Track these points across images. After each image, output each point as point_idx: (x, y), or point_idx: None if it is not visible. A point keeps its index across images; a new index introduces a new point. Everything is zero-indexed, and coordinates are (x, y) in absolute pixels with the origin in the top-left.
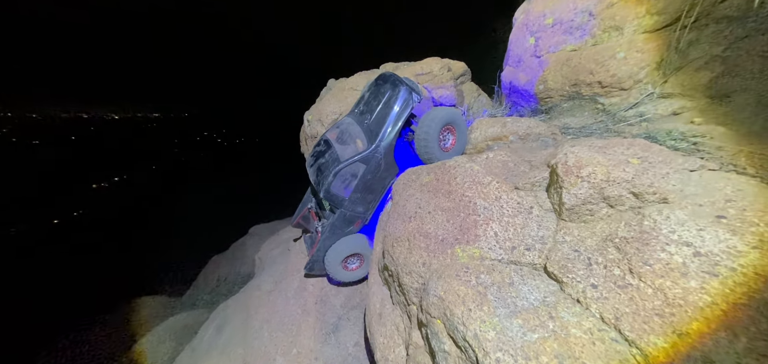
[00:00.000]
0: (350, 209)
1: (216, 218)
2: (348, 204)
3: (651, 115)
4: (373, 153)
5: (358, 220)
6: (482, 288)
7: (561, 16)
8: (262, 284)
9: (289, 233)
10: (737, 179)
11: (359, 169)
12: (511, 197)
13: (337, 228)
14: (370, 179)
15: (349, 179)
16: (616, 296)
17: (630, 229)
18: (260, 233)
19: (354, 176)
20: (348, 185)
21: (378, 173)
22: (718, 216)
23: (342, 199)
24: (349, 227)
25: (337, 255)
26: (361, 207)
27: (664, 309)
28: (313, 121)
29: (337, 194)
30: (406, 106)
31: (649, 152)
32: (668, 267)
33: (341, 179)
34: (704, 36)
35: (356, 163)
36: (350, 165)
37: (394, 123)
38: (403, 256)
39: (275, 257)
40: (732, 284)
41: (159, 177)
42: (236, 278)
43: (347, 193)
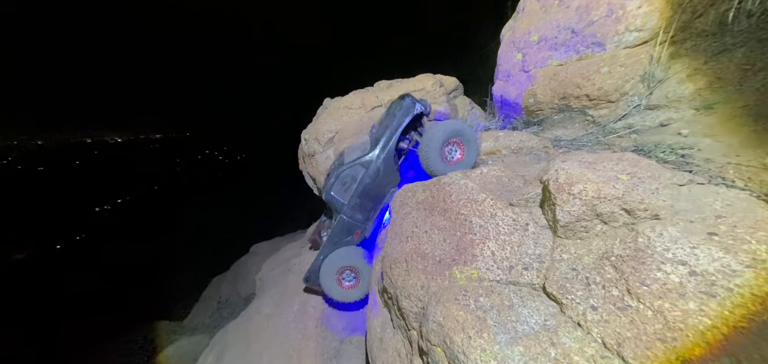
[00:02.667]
0: (349, 214)
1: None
2: (347, 209)
3: (639, 126)
4: (372, 157)
5: (358, 230)
6: (481, 313)
7: (545, 33)
8: (262, 307)
9: (290, 251)
10: (726, 193)
11: (359, 173)
12: (507, 214)
13: (336, 236)
14: (369, 185)
15: (349, 183)
16: (616, 318)
17: (625, 246)
18: (261, 251)
19: (354, 180)
20: (347, 189)
21: (377, 179)
22: (709, 233)
23: (341, 203)
24: (348, 236)
25: (331, 266)
26: (359, 214)
27: (666, 333)
28: (310, 139)
29: (337, 197)
30: (406, 113)
31: (637, 167)
32: (666, 288)
33: (341, 183)
34: (684, 50)
35: (356, 166)
36: (351, 168)
37: (394, 129)
38: (401, 278)
39: (275, 277)
40: (730, 306)
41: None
42: (238, 300)
43: (346, 198)
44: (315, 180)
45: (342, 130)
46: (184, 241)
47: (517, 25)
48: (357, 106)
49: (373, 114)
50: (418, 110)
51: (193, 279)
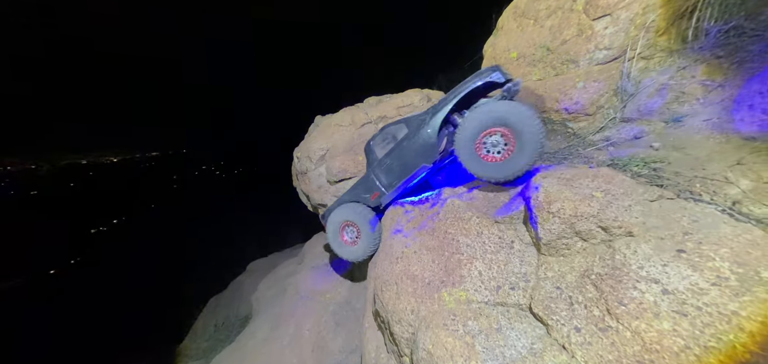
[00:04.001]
0: (376, 172)
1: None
2: (376, 166)
3: (615, 139)
4: (420, 117)
5: (377, 192)
6: (470, 338)
7: (523, 50)
8: (256, 331)
9: (286, 268)
10: (693, 209)
11: (401, 133)
12: (492, 232)
13: (358, 188)
14: (405, 148)
15: (390, 141)
16: (598, 340)
17: (604, 264)
18: (259, 268)
19: (394, 139)
20: (386, 146)
21: (413, 145)
22: (678, 250)
23: (374, 158)
24: (366, 193)
25: (339, 216)
26: (384, 178)
27: (644, 356)
28: (302, 157)
29: (374, 149)
30: (476, 78)
31: (611, 184)
32: (641, 307)
33: (383, 137)
34: (652, 65)
35: (401, 125)
36: (397, 124)
37: (453, 95)
38: (392, 302)
39: (271, 298)
40: (700, 325)
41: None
42: (235, 322)
43: (381, 154)
44: (308, 197)
45: (333, 147)
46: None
47: (497, 41)
48: (347, 124)
49: (363, 131)
50: (494, 78)
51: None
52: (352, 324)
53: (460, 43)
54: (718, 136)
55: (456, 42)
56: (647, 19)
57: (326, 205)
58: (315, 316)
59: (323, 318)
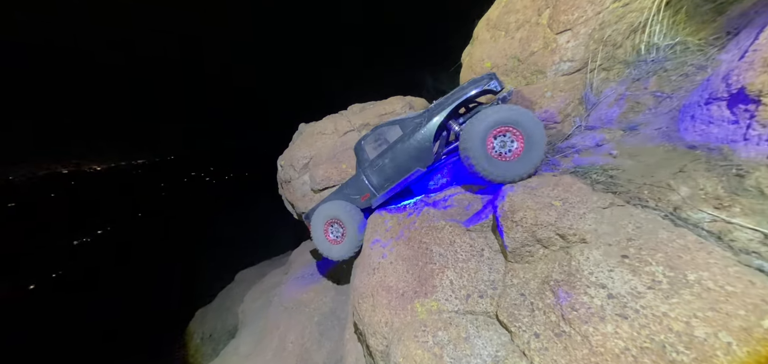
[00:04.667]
0: (367, 172)
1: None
2: (368, 166)
3: (580, 146)
4: (416, 119)
5: (367, 193)
6: (438, 349)
7: (496, 60)
8: (240, 345)
9: (273, 278)
10: (639, 215)
11: (394, 134)
12: (464, 241)
13: (347, 188)
14: (399, 150)
15: (382, 142)
16: (554, 345)
17: (561, 270)
18: (247, 278)
19: (387, 140)
20: (378, 147)
21: (408, 149)
22: (622, 255)
23: (365, 158)
24: (357, 194)
25: (324, 212)
26: (375, 179)
27: (591, 359)
28: (285, 166)
29: (365, 149)
30: (473, 85)
31: (569, 192)
32: (590, 312)
33: (375, 137)
34: (612, 76)
35: (395, 126)
36: (391, 125)
37: (454, 98)
38: (368, 314)
39: (257, 310)
40: (638, 327)
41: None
42: (222, 332)
43: (373, 155)
44: (293, 205)
45: (316, 155)
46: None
47: (473, 51)
48: (330, 132)
49: (346, 139)
50: (492, 86)
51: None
52: (336, 334)
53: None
54: (667, 144)
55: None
56: (604, 34)
57: None
58: (299, 328)
59: (307, 330)
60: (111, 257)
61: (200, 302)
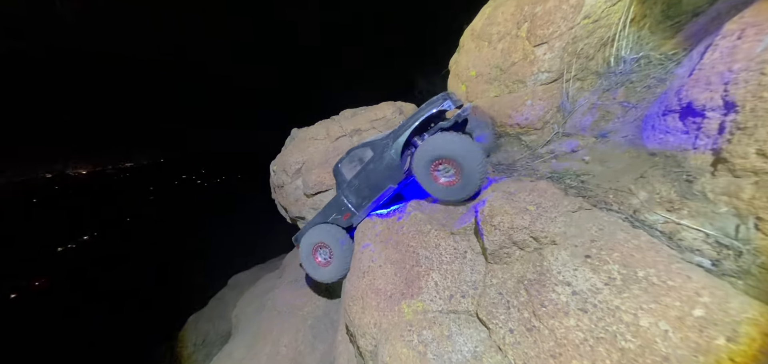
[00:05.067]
0: (346, 193)
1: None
2: (346, 187)
3: (558, 151)
4: (383, 142)
5: (348, 213)
6: (423, 347)
7: (481, 69)
8: (233, 350)
9: (267, 282)
10: (602, 218)
11: (366, 155)
12: (449, 244)
13: (328, 209)
14: (371, 170)
15: (356, 164)
16: (525, 339)
17: (534, 270)
18: (240, 282)
19: (361, 161)
20: (354, 167)
21: (379, 168)
22: (586, 255)
23: (343, 179)
24: (337, 215)
25: (310, 237)
26: (353, 198)
27: (555, 349)
28: (278, 171)
29: (342, 171)
30: (430, 106)
31: (543, 197)
32: (556, 307)
33: (351, 159)
34: (586, 86)
35: (366, 148)
36: (363, 146)
37: (412, 120)
38: (358, 316)
39: (250, 315)
40: (595, 320)
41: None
42: (215, 338)
43: (349, 176)
44: (286, 210)
45: (308, 160)
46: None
47: (459, 59)
48: (322, 137)
49: (337, 144)
50: (445, 106)
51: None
52: (330, 337)
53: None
54: (632, 151)
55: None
56: (577, 47)
57: (304, 217)
58: (293, 331)
59: (301, 333)
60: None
61: (192, 308)
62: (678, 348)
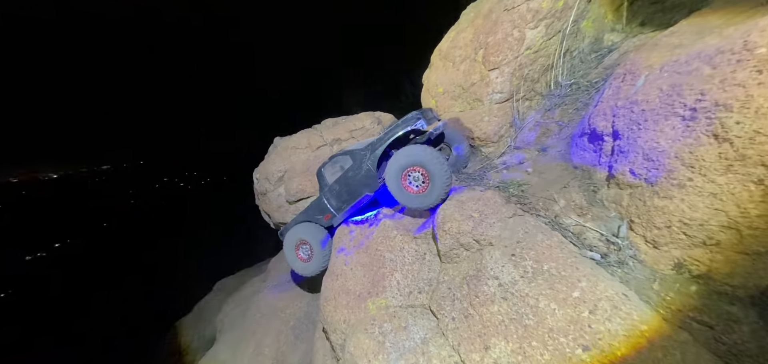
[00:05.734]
0: (327, 196)
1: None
2: (327, 190)
3: (510, 163)
4: (362, 152)
5: (329, 214)
6: (382, 337)
7: (447, 87)
8: (218, 353)
9: (252, 286)
10: (530, 222)
11: (347, 163)
12: (411, 247)
13: (311, 210)
14: (350, 178)
15: (338, 170)
16: (462, 324)
17: (475, 268)
18: (226, 287)
19: (342, 168)
20: (336, 173)
21: (357, 175)
22: (511, 254)
23: (325, 183)
24: (320, 215)
25: (294, 234)
26: (334, 201)
27: (482, 330)
28: (261, 179)
29: (325, 175)
30: (405, 124)
31: (486, 206)
32: (486, 297)
33: (333, 164)
34: (533, 105)
35: (346, 156)
36: (344, 154)
37: (388, 135)
38: (330, 314)
39: (235, 318)
40: (513, 304)
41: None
42: (200, 344)
43: (331, 180)
44: (269, 216)
45: (290, 169)
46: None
47: (430, 75)
48: (304, 146)
49: (319, 153)
50: (418, 126)
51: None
52: (311, 336)
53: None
54: (562, 164)
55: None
56: (524, 72)
57: (287, 223)
58: (275, 332)
59: (283, 334)
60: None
61: (177, 315)
62: (559, 321)
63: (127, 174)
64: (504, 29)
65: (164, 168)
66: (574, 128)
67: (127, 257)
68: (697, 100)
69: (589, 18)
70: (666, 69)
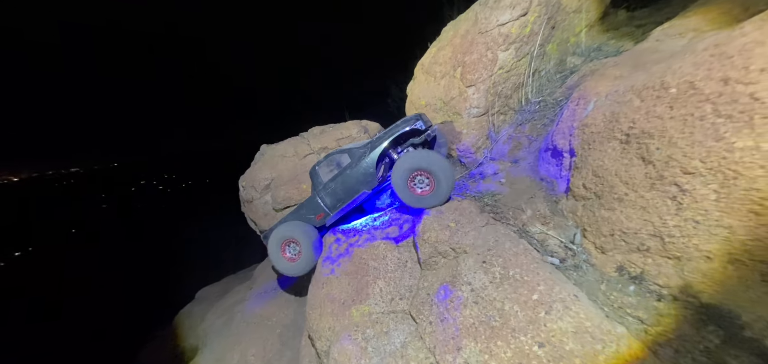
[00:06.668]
0: (322, 195)
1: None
2: (321, 190)
3: (486, 173)
4: (361, 150)
5: (322, 213)
6: (365, 342)
7: (429, 100)
8: None
9: (237, 294)
10: (500, 230)
11: (344, 161)
12: (394, 255)
13: (303, 209)
14: (347, 175)
15: (334, 168)
16: (439, 327)
17: (451, 274)
18: (209, 296)
19: (338, 166)
20: (331, 172)
21: (355, 174)
22: (483, 261)
23: (319, 181)
24: (312, 214)
25: (281, 232)
26: (328, 200)
27: (455, 333)
28: (247, 186)
29: (319, 174)
30: (404, 124)
31: (463, 215)
32: (460, 302)
33: (328, 163)
34: (507, 119)
35: (344, 154)
36: (341, 152)
37: (388, 134)
38: (316, 322)
39: (219, 328)
40: (481, 308)
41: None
42: (182, 356)
43: (326, 179)
44: (255, 223)
45: (278, 177)
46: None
47: (413, 87)
48: (291, 155)
49: (306, 161)
50: (418, 126)
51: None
52: (298, 343)
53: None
54: (531, 176)
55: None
56: (498, 89)
57: None
58: (261, 340)
59: (269, 341)
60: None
61: (155, 326)
62: (520, 322)
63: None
64: (479, 50)
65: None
66: (541, 143)
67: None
68: (629, 127)
69: (554, 42)
70: (609, 97)
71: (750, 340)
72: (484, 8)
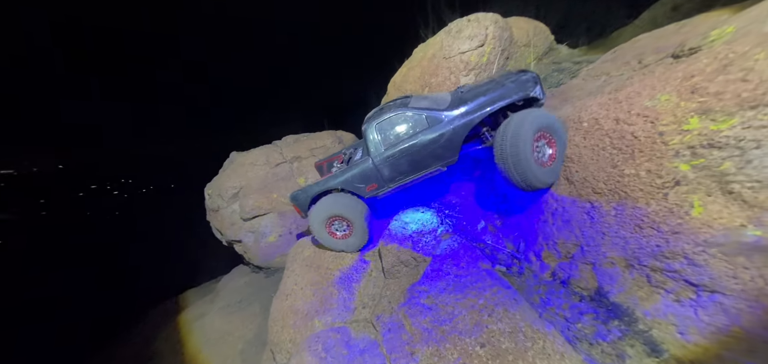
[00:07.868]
0: (379, 162)
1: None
2: (379, 157)
3: None
4: (444, 117)
5: (375, 184)
6: (324, 353)
7: None
8: None
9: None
10: (458, 240)
11: (417, 128)
12: (360, 265)
13: (350, 173)
14: (421, 146)
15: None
16: (396, 334)
17: (412, 280)
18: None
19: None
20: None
21: (434, 145)
22: (440, 269)
23: (378, 146)
24: (362, 183)
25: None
26: (387, 171)
27: (411, 339)
28: (213, 195)
29: (377, 137)
30: (521, 88)
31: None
32: (417, 308)
33: (389, 124)
34: None
35: (419, 117)
36: (412, 115)
37: (495, 98)
38: (277, 334)
39: (175, 345)
40: (436, 314)
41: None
42: None
43: (386, 144)
44: (222, 233)
45: (247, 185)
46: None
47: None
48: (262, 163)
49: (277, 170)
50: (537, 94)
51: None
52: (260, 359)
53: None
54: (489, 191)
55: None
56: None
57: (241, 241)
58: (220, 360)
59: (229, 360)
60: None
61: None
62: (467, 324)
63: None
64: (443, 74)
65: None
66: None
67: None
68: None
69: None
70: None
71: (641, 332)
72: (448, 36)
